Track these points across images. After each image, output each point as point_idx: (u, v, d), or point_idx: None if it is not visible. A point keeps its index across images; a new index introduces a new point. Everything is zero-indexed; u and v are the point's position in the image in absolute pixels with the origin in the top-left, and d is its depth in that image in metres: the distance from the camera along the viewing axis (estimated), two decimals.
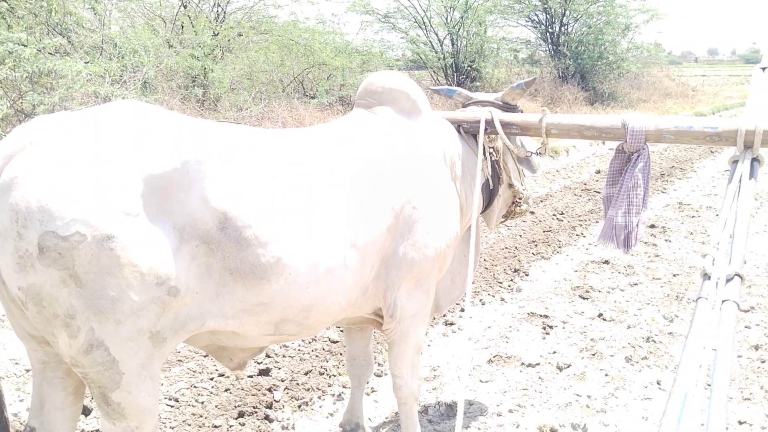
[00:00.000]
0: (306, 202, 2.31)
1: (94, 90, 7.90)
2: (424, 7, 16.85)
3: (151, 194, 1.99)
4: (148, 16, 12.01)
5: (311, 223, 2.31)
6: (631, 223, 2.78)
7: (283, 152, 2.37)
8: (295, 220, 2.26)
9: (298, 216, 2.28)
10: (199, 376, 3.87)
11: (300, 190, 2.31)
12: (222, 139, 2.22)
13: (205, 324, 2.18)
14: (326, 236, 2.33)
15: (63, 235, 1.86)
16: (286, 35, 12.86)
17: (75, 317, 1.94)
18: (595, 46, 20.41)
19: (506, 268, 5.98)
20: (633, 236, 2.79)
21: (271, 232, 2.19)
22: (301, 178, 2.34)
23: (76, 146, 1.95)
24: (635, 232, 2.78)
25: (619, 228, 2.81)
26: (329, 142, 2.56)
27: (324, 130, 2.68)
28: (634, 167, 2.76)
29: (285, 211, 2.25)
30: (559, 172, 11.00)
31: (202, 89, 11.03)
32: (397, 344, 2.82)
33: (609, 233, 2.85)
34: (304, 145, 2.48)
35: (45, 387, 2.21)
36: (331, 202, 2.38)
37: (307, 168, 2.39)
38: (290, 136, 2.51)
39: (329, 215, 2.36)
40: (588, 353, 4.28)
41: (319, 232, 2.32)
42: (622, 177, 2.82)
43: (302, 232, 2.27)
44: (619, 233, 2.81)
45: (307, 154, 2.44)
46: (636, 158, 2.76)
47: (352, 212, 2.43)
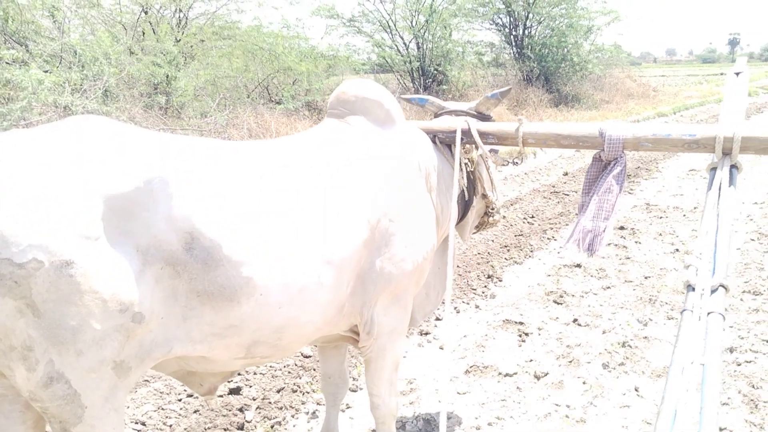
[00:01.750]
0: (277, 219, 2.21)
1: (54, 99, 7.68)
2: (389, 11, 16.83)
3: (112, 216, 1.87)
4: (108, 23, 11.75)
5: (283, 240, 2.21)
6: (597, 228, 2.73)
7: (252, 167, 2.27)
8: (265, 238, 2.16)
9: (269, 234, 2.17)
10: (166, 398, 3.73)
11: (271, 207, 2.21)
12: (187, 155, 2.11)
13: (172, 350, 2.07)
14: (299, 253, 2.24)
15: (18, 262, 1.74)
16: (250, 40, 12.71)
17: (33, 349, 1.81)
18: (558, 49, 20.58)
19: (480, 274, 5.94)
20: (598, 240, 2.73)
21: (240, 252, 2.08)
22: (272, 193, 2.24)
23: (30, 167, 1.83)
24: (601, 237, 2.73)
25: (585, 231, 2.75)
26: (300, 155, 2.46)
27: (294, 141, 2.58)
28: (610, 173, 2.71)
29: (255, 229, 2.14)
30: (528, 174, 11.02)
31: (165, 97, 10.83)
32: (374, 362, 2.73)
33: (575, 237, 2.80)
34: (273, 159, 2.38)
35: (2, 421, 2.07)
36: (303, 217, 2.28)
37: (278, 183, 2.29)
38: (259, 150, 2.41)
39: (302, 231, 2.26)
40: (565, 360, 4.23)
41: (291, 250, 2.22)
42: (597, 182, 2.77)
43: (274, 251, 2.17)
44: (585, 237, 2.75)
45: (277, 168, 2.34)
46: (613, 165, 2.72)
47: (326, 228, 2.34)
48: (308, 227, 2.28)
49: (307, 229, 2.27)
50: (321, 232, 2.31)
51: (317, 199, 2.35)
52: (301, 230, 2.26)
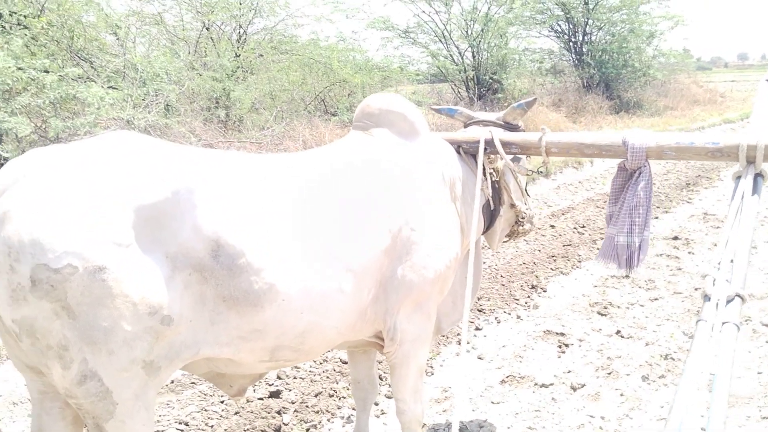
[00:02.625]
0: (299, 227, 2.32)
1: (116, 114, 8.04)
2: (444, 21, 16.88)
3: (143, 225, 2.01)
4: (170, 40, 12.22)
5: (305, 248, 2.31)
6: (633, 243, 2.74)
7: (276, 177, 2.38)
8: (288, 246, 2.27)
9: (291, 241, 2.28)
10: (209, 399, 3.89)
11: (293, 215, 2.32)
12: (213, 166, 2.24)
13: (199, 352, 2.19)
14: (320, 261, 2.33)
15: (55, 267, 1.89)
16: (307, 54, 12.97)
17: (68, 348, 1.96)
18: (619, 55, 20.20)
19: (523, 284, 5.92)
20: (636, 257, 2.76)
21: (263, 259, 2.19)
22: (295, 202, 2.35)
23: (67, 179, 1.98)
24: (638, 253, 2.74)
25: (621, 248, 2.77)
26: (324, 166, 2.56)
27: (319, 153, 2.69)
28: (636, 185, 2.72)
29: (278, 236, 2.25)
30: (582, 183, 10.88)
31: (224, 110, 11.17)
32: (398, 368, 2.80)
33: (610, 252, 2.82)
34: (297, 169, 2.49)
35: (44, 417, 2.23)
36: (325, 226, 2.38)
37: (301, 192, 2.39)
38: (283, 161, 2.52)
39: (324, 239, 2.36)
40: (603, 372, 4.20)
41: (313, 257, 2.32)
42: (624, 195, 2.78)
43: (296, 258, 2.28)
44: (622, 253, 2.77)
45: (301, 178, 2.45)
46: (638, 176, 2.73)
47: (348, 236, 2.43)
48: (329, 236, 2.37)
49: (328, 238, 2.37)
50: (342, 241, 2.40)
51: (339, 208, 2.44)
52: (322, 238, 2.35)
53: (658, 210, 8.70)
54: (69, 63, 7.84)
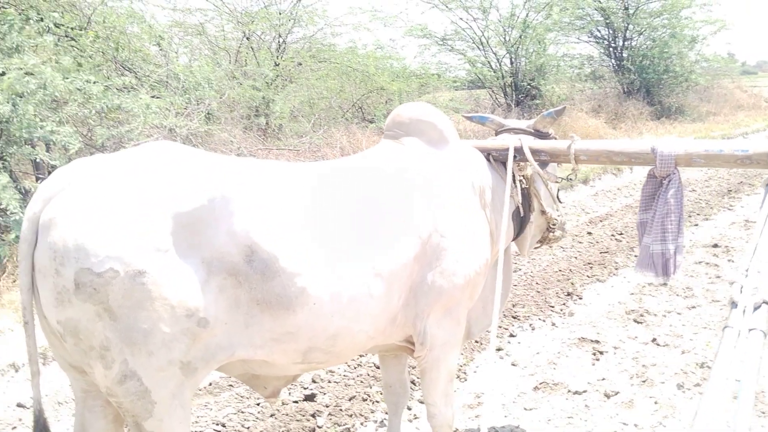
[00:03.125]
0: (331, 233, 2.38)
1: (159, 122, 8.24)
2: (482, 28, 16.87)
3: (180, 230, 2.10)
4: (212, 50, 12.47)
5: (336, 253, 2.37)
6: (668, 251, 2.75)
7: (308, 185, 2.46)
8: (319, 251, 2.33)
9: (322, 247, 2.35)
10: (246, 402, 3.98)
11: (324, 221, 2.39)
12: (247, 174, 2.32)
13: (234, 354, 2.27)
14: (351, 266, 2.39)
15: (97, 271, 1.99)
16: (345, 62, 13.10)
17: (109, 349, 2.05)
18: (660, 60, 19.90)
19: (559, 291, 5.90)
20: (672, 264, 2.76)
21: (295, 264, 2.26)
22: (326, 209, 2.42)
23: (109, 187, 2.08)
24: (673, 260, 2.75)
25: (656, 256, 2.77)
26: (354, 174, 2.63)
27: (350, 161, 2.76)
28: (666, 193, 2.73)
29: (309, 242, 2.32)
30: (620, 190, 10.77)
31: (264, 118, 11.35)
32: (428, 372, 2.84)
33: (646, 261, 2.83)
34: (329, 177, 2.56)
35: (86, 415, 2.34)
36: (356, 232, 2.45)
37: (332, 199, 2.46)
38: (315, 169, 2.60)
39: (354, 246, 2.42)
40: (638, 380, 4.18)
41: (343, 263, 2.38)
42: (655, 203, 2.79)
43: (327, 263, 2.34)
44: (657, 261, 2.78)
45: (333, 185, 2.52)
46: (667, 184, 2.73)
47: (378, 242, 2.49)
48: (360, 242, 2.44)
49: (359, 244, 2.43)
50: (372, 247, 2.46)
51: (369, 215, 2.50)
52: (353, 245, 2.42)
53: (698, 217, 8.57)
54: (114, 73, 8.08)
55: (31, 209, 2.10)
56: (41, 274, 2.05)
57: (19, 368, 4.53)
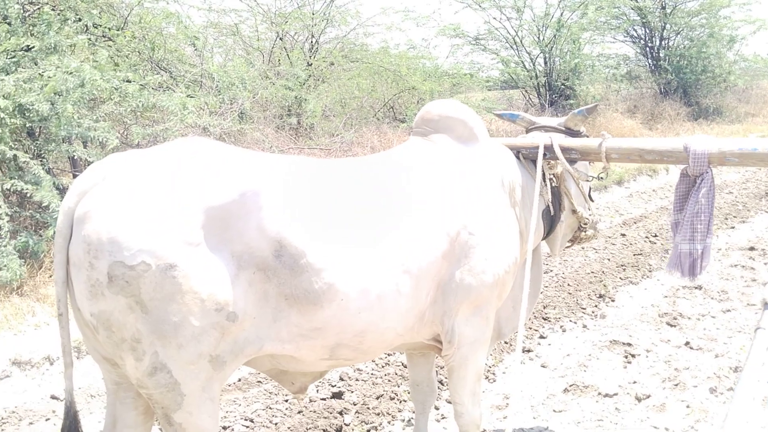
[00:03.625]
0: (359, 230, 2.39)
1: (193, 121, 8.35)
2: (516, 27, 16.74)
3: (211, 225, 2.12)
4: (246, 50, 12.60)
5: (364, 250, 2.38)
6: (695, 251, 2.70)
7: (336, 181, 2.47)
8: (347, 247, 2.34)
9: (350, 242, 2.36)
10: (274, 398, 4.01)
11: (353, 218, 2.40)
12: (277, 170, 2.34)
13: (262, 348, 2.29)
14: (379, 263, 2.40)
15: (130, 264, 2.02)
16: (377, 62, 13.12)
17: (141, 341, 2.09)
18: (698, 60, 19.50)
19: (591, 293, 5.84)
20: (698, 264, 2.72)
21: (323, 259, 2.28)
22: (354, 205, 2.43)
23: (142, 182, 2.12)
24: (700, 260, 2.70)
25: (684, 255, 2.73)
26: (384, 171, 2.64)
27: (379, 158, 2.77)
28: (698, 192, 2.68)
29: (338, 238, 2.33)
30: (655, 191, 10.59)
31: (296, 118, 11.43)
32: (456, 371, 2.83)
33: (675, 261, 2.79)
34: (358, 173, 2.57)
35: (118, 406, 2.38)
36: (384, 228, 2.45)
37: (361, 196, 2.47)
38: (344, 165, 2.61)
39: (382, 242, 2.43)
40: (670, 383, 4.11)
41: (371, 259, 2.39)
42: (687, 202, 2.75)
43: (355, 259, 2.35)
44: (684, 261, 2.74)
45: (361, 182, 2.53)
46: (700, 182, 2.69)
47: (406, 239, 2.49)
48: (388, 238, 2.44)
49: (387, 240, 2.44)
50: (400, 243, 2.46)
51: (397, 212, 2.51)
52: (381, 241, 2.42)
53: (735, 219, 8.40)
54: (150, 73, 8.20)
55: (66, 203, 2.15)
56: (75, 267, 2.10)
57: (53, 361, 4.63)
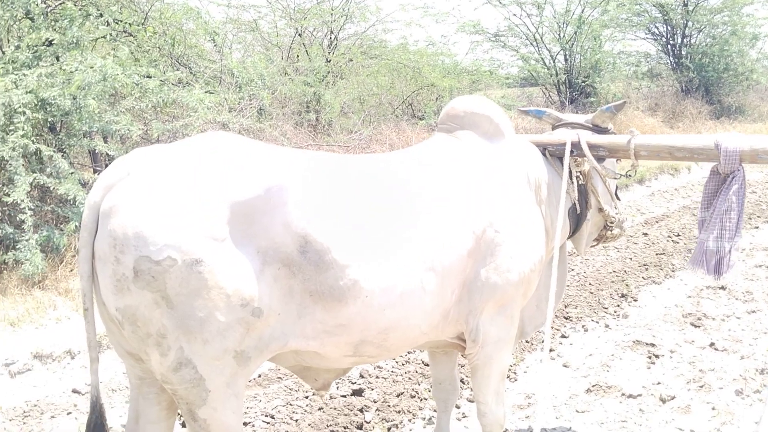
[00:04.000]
0: (384, 226, 2.37)
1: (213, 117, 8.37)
2: (536, 24, 16.63)
3: (236, 220, 2.11)
4: (265, 46, 12.61)
5: (389, 246, 2.36)
6: (723, 249, 2.65)
7: (361, 177, 2.45)
8: (372, 244, 2.32)
9: (375, 239, 2.33)
10: (295, 394, 4.00)
11: (378, 214, 2.37)
12: (302, 165, 2.32)
13: (287, 344, 2.27)
14: (404, 260, 2.37)
15: (156, 259, 2.01)
16: (396, 59, 13.08)
17: (166, 336, 2.08)
18: (720, 58, 19.26)
19: (613, 292, 5.77)
20: (725, 262, 2.66)
21: (348, 256, 2.26)
22: (380, 202, 2.40)
23: (168, 177, 2.11)
24: (727, 258, 2.65)
25: (710, 253, 2.68)
26: (409, 167, 2.61)
27: (404, 154, 2.74)
28: (728, 190, 2.63)
29: (363, 234, 2.31)
30: (678, 190, 10.48)
31: (314, 114, 11.42)
32: (480, 370, 2.80)
33: (699, 258, 2.74)
34: (383, 170, 2.54)
35: (141, 401, 2.37)
36: (409, 225, 2.42)
37: (386, 192, 2.45)
38: (369, 161, 2.58)
39: (407, 239, 2.40)
40: (695, 385, 4.05)
41: (396, 256, 2.36)
42: (716, 200, 2.69)
43: (379, 256, 2.33)
44: (710, 258, 2.68)
45: (387, 178, 2.50)
46: (731, 180, 2.64)
47: (431, 236, 2.46)
48: (413, 236, 2.41)
49: (412, 238, 2.41)
50: (425, 241, 2.43)
51: (423, 209, 2.48)
52: (406, 238, 2.40)
53: (759, 219, 8.28)
54: (169, 68, 8.23)
55: (92, 198, 2.14)
56: (101, 261, 2.09)
57: (75, 355, 4.65)
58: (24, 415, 3.88)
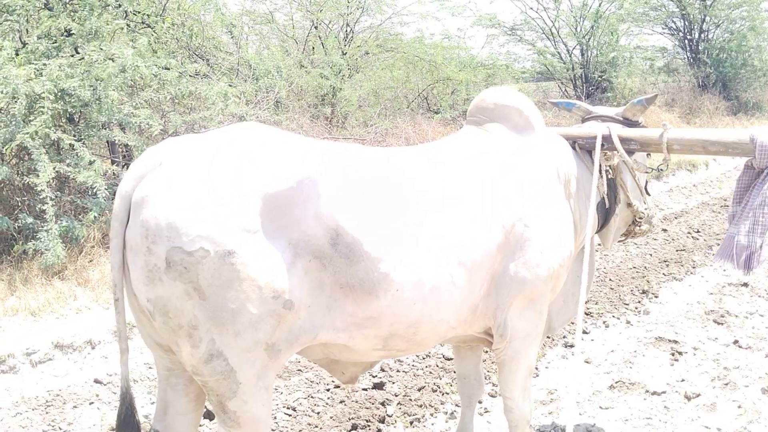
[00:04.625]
0: (414, 220, 2.34)
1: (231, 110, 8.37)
2: (553, 18, 16.51)
3: (269, 212, 2.09)
4: (281, 38, 12.58)
5: (419, 240, 2.33)
6: (754, 244, 2.61)
7: (392, 170, 2.42)
8: (403, 237, 2.30)
9: (406, 233, 2.31)
10: (316, 387, 4.00)
11: (409, 207, 2.35)
12: (334, 158, 2.30)
13: (317, 337, 2.25)
14: (434, 254, 2.35)
15: (188, 250, 2.00)
16: (412, 52, 13.02)
17: (197, 328, 2.06)
18: (738, 53, 19.07)
19: (633, 288, 5.73)
20: (755, 257, 2.62)
21: (379, 249, 2.23)
22: (410, 195, 2.38)
23: (201, 167, 2.09)
24: (758, 254, 2.61)
25: (740, 247, 2.64)
26: (439, 160, 2.58)
27: (434, 147, 2.71)
28: (762, 185, 2.58)
29: (393, 228, 2.29)
30: (696, 186, 10.39)
31: (330, 107, 11.40)
32: (507, 365, 2.77)
33: (728, 252, 2.70)
34: (413, 162, 2.52)
35: (169, 392, 2.36)
36: (439, 219, 2.40)
37: (416, 185, 2.42)
38: (400, 154, 2.56)
39: (437, 232, 2.38)
40: (720, 383, 4.01)
41: (426, 250, 2.34)
42: (748, 194, 2.65)
43: (410, 249, 2.30)
44: (740, 253, 2.64)
45: (417, 171, 2.47)
46: (765, 175, 2.59)
47: (461, 230, 2.43)
48: (443, 229, 2.39)
49: (442, 231, 2.38)
50: (455, 234, 2.41)
51: (452, 202, 2.45)
52: (436, 232, 2.37)
53: None
54: (187, 60, 8.23)
55: (123, 187, 2.13)
56: (133, 252, 2.08)
57: (95, 345, 4.67)
58: (47, 404, 3.90)
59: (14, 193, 6.00)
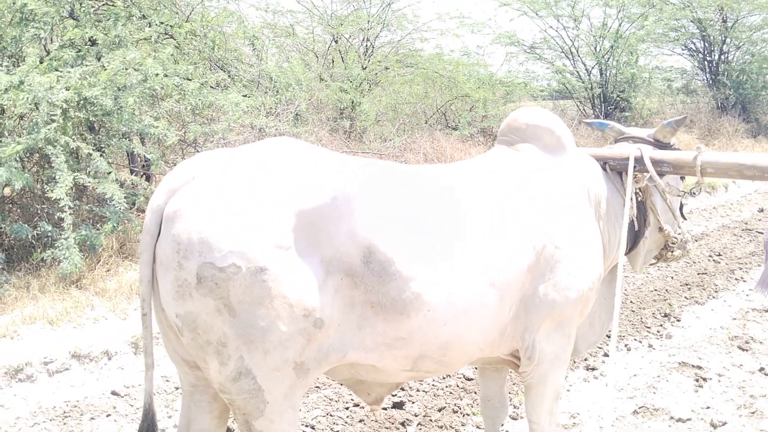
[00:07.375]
0: (447, 239, 2.31)
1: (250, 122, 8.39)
2: (572, 37, 16.50)
3: (302, 228, 2.06)
4: (301, 51, 12.64)
5: (451, 260, 2.30)
6: None
7: (425, 190, 2.39)
8: (435, 257, 2.27)
9: (439, 253, 2.28)
10: (335, 405, 3.95)
11: (441, 227, 2.32)
12: (368, 174, 2.27)
13: (346, 356, 2.22)
14: (466, 274, 2.32)
15: (220, 266, 1.97)
16: (431, 68, 13.04)
17: (226, 345, 2.03)
18: (759, 76, 18.97)
19: (655, 312, 5.65)
20: None
21: (412, 268, 2.20)
22: (443, 214, 2.35)
23: (234, 182, 2.07)
24: None
25: None
26: (470, 180, 2.55)
27: (466, 167, 2.68)
28: None
29: (426, 247, 2.26)
30: (716, 209, 10.28)
31: (349, 121, 11.41)
32: (534, 388, 2.73)
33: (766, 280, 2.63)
34: (446, 181, 2.49)
35: (193, 409, 2.33)
36: (471, 239, 2.37)
37: (449, 205, 2.39)
38: (433, 173, 2.53)
39: (469, 252, 2.34)
40: (746, 411, 3.92)
41: (458, 270, 2.30)
42: None
43: (442, 269, 2.27)
44: None
45: (450, 191, 2.44)
46: None
47: (493, 250, 2.40)
48: (475, 249, 2.35)
49: (474, 252, 2.35)
50: (487, 255, 2.37)
51: (484, 222, 2.41)
52: (468, 252, 2.34)
53: None
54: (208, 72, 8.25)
55: (155, 201, 2.11)
56: (163, 266, 2.05)
57: (112, 356, 4.65)
58: (64, 415, 3.87)
59: (34, 200, 6.03)
